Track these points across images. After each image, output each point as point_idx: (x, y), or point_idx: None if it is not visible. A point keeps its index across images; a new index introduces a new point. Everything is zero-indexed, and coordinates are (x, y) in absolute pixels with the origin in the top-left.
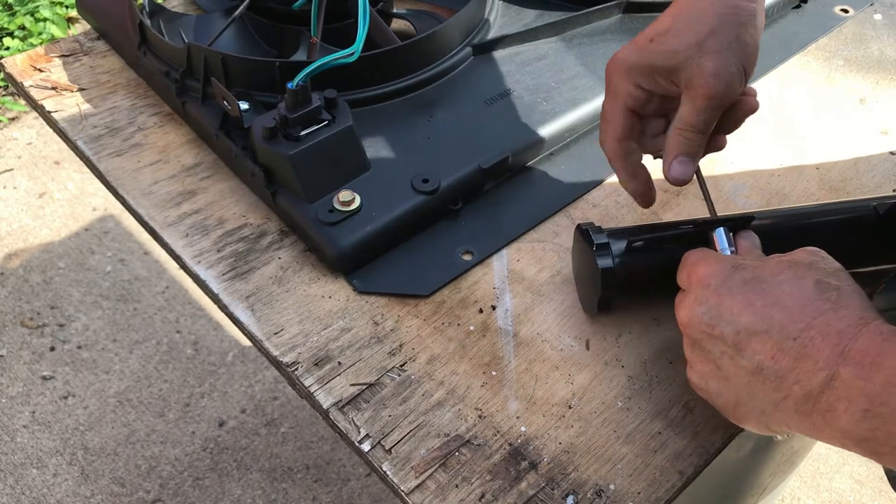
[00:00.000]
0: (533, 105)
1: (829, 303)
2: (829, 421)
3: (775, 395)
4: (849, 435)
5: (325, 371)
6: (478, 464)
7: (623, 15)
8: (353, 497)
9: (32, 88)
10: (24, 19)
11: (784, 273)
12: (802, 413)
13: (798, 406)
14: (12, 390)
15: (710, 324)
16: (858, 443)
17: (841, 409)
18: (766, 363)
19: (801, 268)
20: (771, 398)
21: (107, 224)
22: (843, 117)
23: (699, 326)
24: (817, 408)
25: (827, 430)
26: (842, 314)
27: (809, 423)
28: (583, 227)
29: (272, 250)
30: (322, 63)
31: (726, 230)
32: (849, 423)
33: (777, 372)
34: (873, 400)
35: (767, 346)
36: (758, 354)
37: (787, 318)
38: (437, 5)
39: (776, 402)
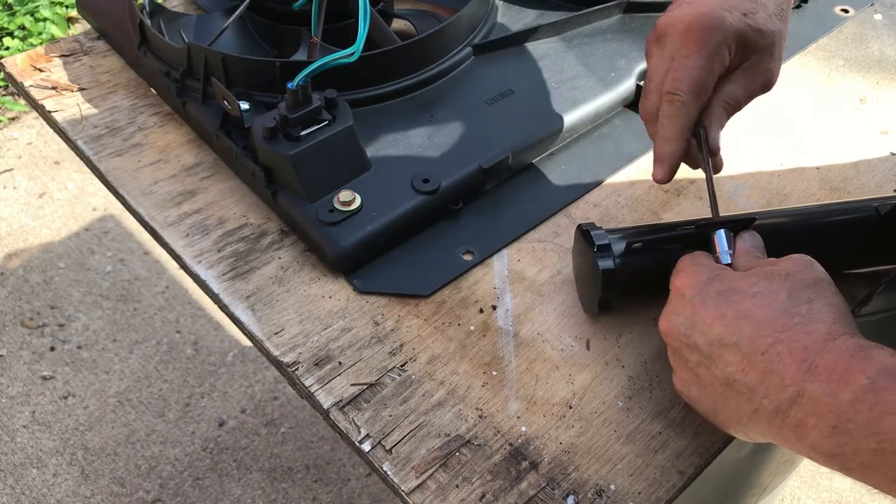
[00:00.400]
0: (533, 105)
1: (799, 317)
2: (799, 436)
3: (747, 406)
4: (818, 450)
5: (326, 371)
6: (478, 464)
7: (623, 15)
8: (353, 497)
9: (32, 88)
10: (24, 19)
11: (758, 285)
12: (774, 426)
13: (769, 419)
14: (12, 390)
15: (686, 333)
16: (828, 459)
17: (810, 424)
18: (736, 375)
19: (777, 279)
20: (744, 409)
21: (107, 224)
22: (843, 117)
23: (677, 336)
24: (787, 423)
25: (798, 445)
26: (810, 329)
27: (781, 436)
28: (584, 227)
29: (272, 250)
30: (322, 63)
31: (727, 232)
32: (817, 438)
33: (747, 385)
34: (840, 416)
35: (737, 359)
36: (729, 366)
37: (755, 332)
38: (437, 5)
39: (749, 414)
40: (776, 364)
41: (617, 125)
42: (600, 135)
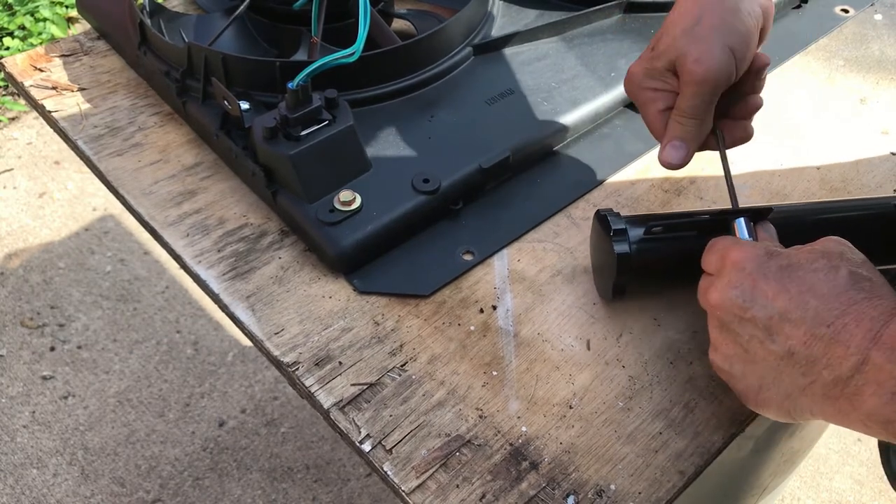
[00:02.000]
0: (534, 105)
1: (864, 292)
2: (855, 405)
3: (803, 379)
4: (874, 417)
5: (326, 371)
6: (478, 464)
7: (623, 15)
8: (353, 497)
9: (32, 88)
10: (24, 19)
11: (818, 262)
12: (829, 397)
13: (826, 391)
14: (12, 390)
15: (744, 306)
16: (884, 425)
17: (869, 392)
18: (797, 348)
19: (834, 257)
20: (798, 383)
21: (107, 224)
22: (843, 117)
23: (731, 309)
24: (845, 392)
25: (853, 414)
26: (875, 303)
27: (835, 408)
28: (601, 212)
29: (272, 250)
30: (323, 63)
31: (747, 220)
32: (876, 405)
33: (808, 357)
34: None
35: (801, 332)
36: (790, 339)
37: (822, 306)
38: (437, 5)
39: (803, 387)
40: (843, 335)
41: (617, 125)
42: (600, 135)
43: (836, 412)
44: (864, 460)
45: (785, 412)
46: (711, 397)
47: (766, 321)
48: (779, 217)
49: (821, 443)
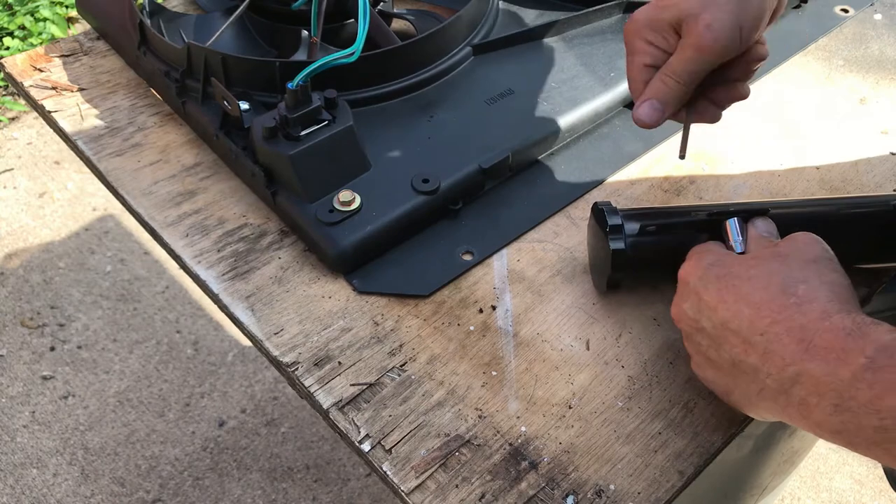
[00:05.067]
0: (533, 105)
1: (794, 297)
2: (804, 414)
3: (753, 386)
4: (823, 427)
5: (326, 371)
6: (478, 464)
7: (623, 15)
8: (353, 497)
9: (32, 88)
10: (24, 19)
11: (755, 268)
12: (779, 405)
13: (774, 398)
14: (12, 390)
15: (694, 318)
16: (833, 435)
17: (812, 403)
18: (740, 357)
19: (775, 261)
20: (752, 389)
21: (107, 224)
22: (843, 117)
23: (687, 321)
24: (791, 402)
25: (804, 423)
26: (805, 309)
27: (787, 416)
28: (599, 205)
29: (272, 250)
30: (322, 63)
31: (739, 221)
32: (821, 416)
33: (751, 366)
34: (841, 395)
35: (739, 341)
36: (734, 348)
37: (754, 314)
38: (437, 5)
39: (756, 393)
40: (775, 344)
41: (617, 125)
42: (600, 135)
43: (791, 419)
44: (864, 460)
45: (755, 413)
46: (711, 397)
47: (713, 331)
48: (776, 215)
49: (821, 443)
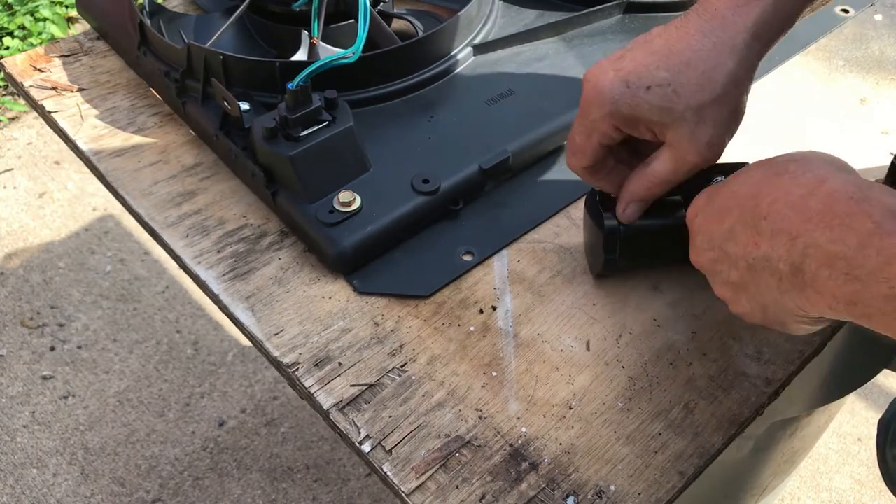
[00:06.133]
0: (533, 105)
1: (787, 173)
2: (820, 290)
3: (773, 281)
4: (840, 300)
5: (326, 372)
6: (478, 465)
7: (623, 15)
8: (353, 497)
9: (32, 88)
10: (24, 19)
11: (745, 173)
12: (798, 289)
13: (793, 284)
14: (12, 390)
15: (709, 248)
16: (848, 307)
17: (825, 276)
18: (752, 253)
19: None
20: (772, 287)
21: (107, 224)
22: (843, 117)
23: (705, 258)
24: (807, 280)
25: (823, 302)
26: (801, 180)
27: (810, 300)
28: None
29: (272, 251)
30: (322, 63)
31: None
32: (836, 287)
33: (763, 258)
34: (850, 263)
35: (748, 236)
36: (746, 247)
37: (753, 202)
38: (437, 5)
39: (780, 289)
40: (780, 223)
41: None
42: None
43: (813, 303)
44: (864, 460)
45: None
46: (711, 398)
47: (726, 245)
48: None
49: (821, 443)
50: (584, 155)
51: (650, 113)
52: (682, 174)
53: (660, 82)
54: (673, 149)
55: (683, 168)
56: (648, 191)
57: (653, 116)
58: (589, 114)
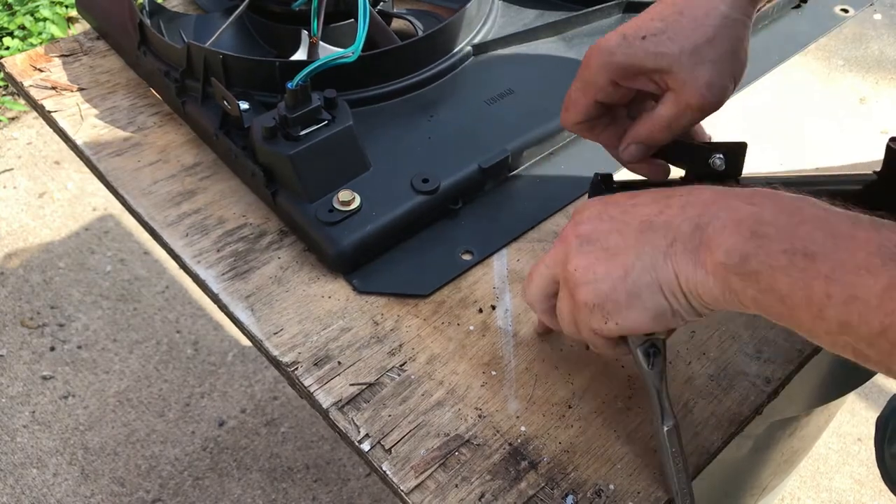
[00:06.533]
0: (533, 105)
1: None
2: (714, 247)
3: (663, 241)
4: (731, 254)
5: (325, 371)
6: (477, 463)
7: (623, 15)
8: (353, 497)
9: (32, 88)
10: (24, 19)
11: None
12: (688, 251)
13: (685, 244)
14: (12, 390)
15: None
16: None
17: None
18: (653, 219)
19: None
20: (659, 246)
21: (107, 224)
22: (842, 117)
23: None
24: (704, 238)
25: (710, 260)
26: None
27: (694, 260)
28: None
29: (272, 250)
30: (322, 63)
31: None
32: (734, 243)
33: (665, 222)
34: (761, 220)
35: (656, 206)
36: (646, 214)
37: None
38: (437, 5)
39: (664, 249)
40: (693, 195)
41: None
42: None
43: (694, 263)
44: (864, 460)
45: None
46: (710, 397)
47: (622, 213)
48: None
49: (821, 443)
50: (577, 110)
51: (646, 60)
52: (684, 119)
53: (654, 31)
54: (674, 93)
55: (686, 112)
56: (650, 132)
57: (649, 63)
58: (587, 68)
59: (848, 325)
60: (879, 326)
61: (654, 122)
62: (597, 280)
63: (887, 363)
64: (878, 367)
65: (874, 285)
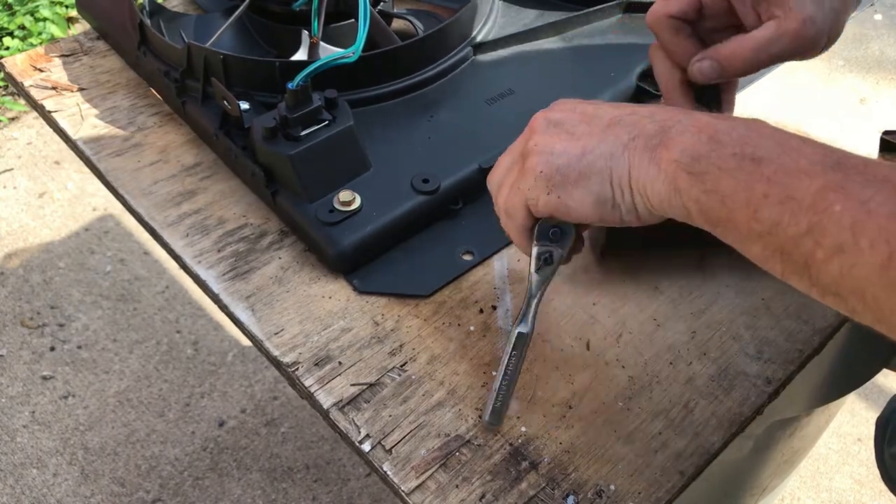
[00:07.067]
0: (533, 105)
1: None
2: (669, 146)
3: (626, 136)
4: (686, 154)
5: (326, 371)
6: (478, 464)
7: (623, 15)
8: (353, 497)
9: (32, 88)
10: (24, 19)
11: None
12: (648, 148)
13: (647, 141)
14: (12, 390)
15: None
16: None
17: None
18: (623, 117)
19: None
20: (622, 139)
21: (107, 224)
22: (843, 117)
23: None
24: (665, 140)
25: (664, 159)
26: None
27: (650, 157)
28: None
29: (272, 250)
30: (322, 63)
31: None
32: (690, 142)
33: (633, 121)
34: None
35: (628, 109)
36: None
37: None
38: (437, 5)
39: (625, 143)
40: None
41: None
42: None
43: (650, 161)
44: (864, 460)
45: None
46: (711, 397)
47: (594, 109)
48: None
49: (821, 443)
50: (679, 2)
51: None
52: (775, 47)
53: None
54: (777, 20)
55: (781, 39)
56: (734, 51)
57: None
58: None
59: (779, 225)
60: (807, 225)
61: (744, 42)
62: (553, 153)
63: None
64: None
65: (809, 186)
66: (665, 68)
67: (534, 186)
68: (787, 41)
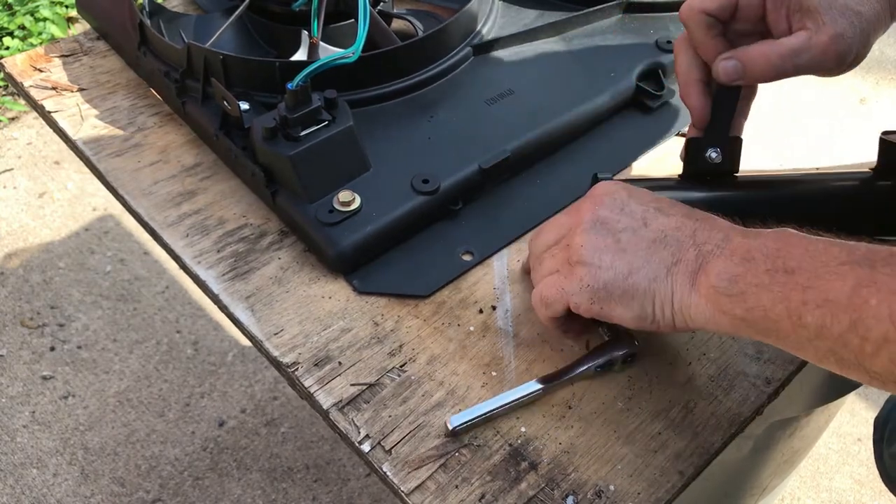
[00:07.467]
0: (533, 105)
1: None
2: (708, 270)
3: (671, 259)
4: (722, 276)
5: (326, 371)
6: (478, 464)
7: (623, 15)
8: (353, 497)
9: (32, 88)
10: (24, 19)
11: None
12: (689, 272)
13: (688, 266)
14: (12, 390)
15: (623, 202)
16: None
17: (725, 256)
18: (669, 232)
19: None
20: (666, 262)
21: (107, 224)
22: (842, 117)
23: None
24: (703, 263)
25: (704, 282)
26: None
27: (691, 282)
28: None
29: (272, 251)
30: (322, 63)
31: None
32: (726, 264)
33: (677, 239)
34: (751, 250)
35: (673, 221)
36: (664, 226)
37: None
38: (437, 5)
39: (669, 266)
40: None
41: (617, 125)
42: (600, 135)
43: (692, 287)
44: (864, 460)
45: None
46: (711, 397)
47: (643, 213)
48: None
49: (821, 443)
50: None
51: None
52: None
53: None
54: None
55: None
56: (762, 54)
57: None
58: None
59: (823, 328)
60: (849, 322)
61: (773, 47)
62: (601, 267)
63: (861, 361)
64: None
65: (843, 286)
66: (688, 62)
67: (578, 294)
68: (815, 53)
